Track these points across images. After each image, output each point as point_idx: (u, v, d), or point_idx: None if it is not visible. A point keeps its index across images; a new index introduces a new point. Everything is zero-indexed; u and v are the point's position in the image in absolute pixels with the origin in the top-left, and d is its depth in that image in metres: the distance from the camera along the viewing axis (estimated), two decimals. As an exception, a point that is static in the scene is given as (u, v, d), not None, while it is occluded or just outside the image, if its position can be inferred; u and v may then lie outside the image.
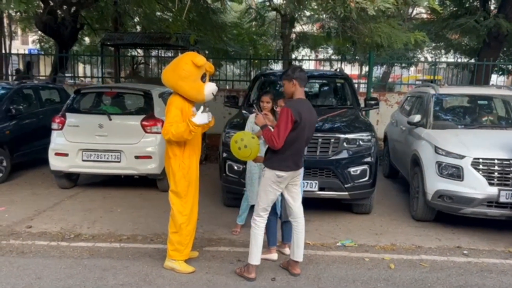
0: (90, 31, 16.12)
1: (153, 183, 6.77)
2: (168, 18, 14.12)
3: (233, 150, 3.92)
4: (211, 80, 4.19)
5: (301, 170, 3.99)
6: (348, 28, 6.01)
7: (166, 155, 4.09)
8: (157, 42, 13.21)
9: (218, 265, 4.27)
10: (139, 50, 17.45)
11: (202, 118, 3.90)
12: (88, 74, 13.65)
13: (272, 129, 3.75)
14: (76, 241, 4.83)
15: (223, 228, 5.27)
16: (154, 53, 16.55)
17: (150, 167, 6.45)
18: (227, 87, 13.20)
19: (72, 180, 7.00)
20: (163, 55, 16.62)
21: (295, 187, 3.97)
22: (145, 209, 5.97)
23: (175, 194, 4.04)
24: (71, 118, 6.64)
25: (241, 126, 5.62)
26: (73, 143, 6.48)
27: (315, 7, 5.85)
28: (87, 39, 19.40)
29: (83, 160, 6.46)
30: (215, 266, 4.24)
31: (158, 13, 14.93)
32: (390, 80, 21.02)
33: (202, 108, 3.97)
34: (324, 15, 6.98)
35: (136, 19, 16.51)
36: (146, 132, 6.44)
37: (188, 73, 3.87)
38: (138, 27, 16.84)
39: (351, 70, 14.82)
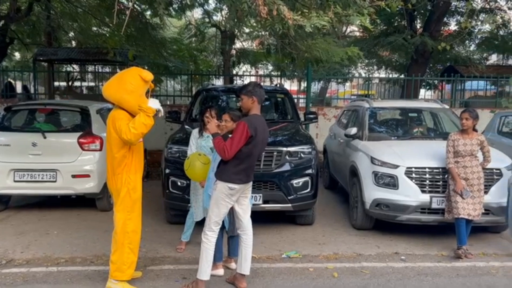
0: (21, 46, 15.34)
1: (91, 203, 6.52)
2: (105, 33, 13.77)
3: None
4: (152, 96, 4.16)
5: (251, 183, 4.04)
6: (287, 45, 6.20)
7: (108, 173, 3.97)
8: (94, 58, 12.85)
9: (163, 284, 4.17)
10: (74, 66, 16.83)
11: (155, 103, 3.89)
12: (19, 89, 12.95)
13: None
14: (8, 267, 4.52)
15: (167, 246, 5.17)
16: (91, 68, 16.04)
17: (88, 186, 6.21)
18: (168, 103, 13.05)
19: (2, 202, 6.56)
20: (100, 70, 16.13)
21: (245, 199, 4.00)
22: (83, 230, 5.72)
23: (120, 212, 3.92)
24: (0, 137, 6.26)
25: (183, 141, 5.58)
26: (3, 163, 6.10)
27: (254, 24, 5.98)
28: (17, 54, 18.45)
29: (15, 181, 6.09)
30: (159, 285, 4.14)
31: (95, 28, 14.52)
32: (327, 95, 21.78)
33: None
34: (263, 32, 7.14)
35: (71, 34, 15.95)
36: (83, 149, 6.21)
37: (135, 88, 3.82)
38: (74, 42, 16.26)
39: (290, 85, 15.21)
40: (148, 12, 11.40)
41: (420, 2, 10.56)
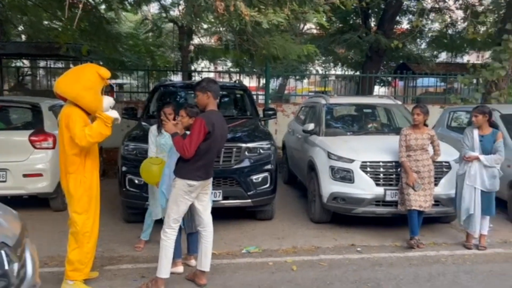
0: (-35, 40, 14.53)
1: (45, 203, 6.29)
2: (57, 27, 13.28)
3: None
4: (107, 93, 4.09)
5: (211, 180, 4.03)
6: (245, 41, 6.22)
7: (61, 172, 3.85)
8: (46, 53, 12.35)
9: (121, 283, 4.10)
10: (25, 61, 16.13)
11: (114, 113, 3.88)
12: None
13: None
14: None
15: (125, 245, 5.08)
16: (42, 64, 15.42)
17: (41, 186, 5.99)
18: (125, 99, 12.77)
19: None
20: (52, 66, 15.55)
21: (205, 196, 4.00)
22: (37, 231, 5.50)
23: (76, 212, 3.82)
24: None
25: (141, 139, 5.49)
26: None
27: (212, 20, 5.96)
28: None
29: (-38, 182, 5.80)
30: (117, 285, 4.06)
31: (46, 22, 13.97)
32: (286, 91, 22.02)
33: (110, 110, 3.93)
34: (221, 28, 7.13)
35: (21, 28, 15.27)
36: (35, 148, 5.98)
37: (93, 84, 3.76)
38: (24, 36, 15.58)
39: (249, 82, 15.26)
40: (103, 7, 11.08)
41: (374, 1, 10.87)
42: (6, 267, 2.46)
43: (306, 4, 4.27)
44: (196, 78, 13.80)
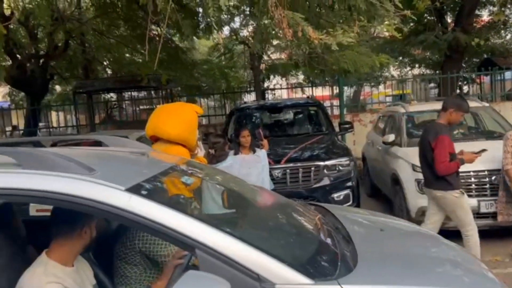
0: (60, 80, 16.08)
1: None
2: (138, 60, 14.25)
3: None
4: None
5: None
6: (315, 59, 6.21)
7: None
8: (129, 85, 13.27)
9: None
10: (111, 94, 17.46)
11: (202, 152, 4.25)
12: (62, 121, 13.54)
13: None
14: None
15: None
16: (126, 95, 16.58)
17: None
18: (204, 122, 13.28)
19: None
20: (136, 97, 16.68)
21: None
22: None
23: None
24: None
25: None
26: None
27: (282, 44, 6.04)
28: (58, 87, 19.31)
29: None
30: None
31: (127, 54, 15.08)
32: (361, 97, 21.54)
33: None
34: (290, 48, 7.19)
35: (106, 62, 16.58)
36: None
37: (196, 124, 3.98)
38: (108, 70, 16.89)
39: (322, 91, 15.15)
40: (177, 36, 11.71)
41: (449, -1, 10.31)
42: None
43: (375, 19, 4.18)
44: (270, 96, 13.99)
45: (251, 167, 4.84)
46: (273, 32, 3.86)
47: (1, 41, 6.41)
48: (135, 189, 1.80)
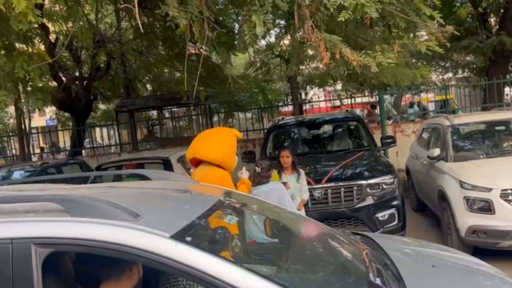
0: (103, 99, 16.64)
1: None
2: (176, 78, 14.55)
3: None
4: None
5: None
6: (353, 73, 6.10)
7: None
8: (169, 103, 13.56)
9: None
10: (152, 112, 17.89)
11: (246, 174, 4.37)
12: (105, 137, 13.97)
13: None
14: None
15: None
16: (167, 113, 16.94)
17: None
18: (242, 137, 13.31)
19: None
20: (176, 114, 17.02)
21: None
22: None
23: None
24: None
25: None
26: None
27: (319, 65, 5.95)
28: (101, 106, 19.98)
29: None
30: None
31: (166, 70, 15.47)
32: (402, 103, 21.03)
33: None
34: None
35: (145, 79, 17.06)
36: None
37: (235, 148, 4.15)
38: (148, 86, 17.33)
39: (361, 99, 14.88)
40: (214, 54, 11.87)
41: (493, 4, 9.92)
42: None
43: (415, 37, 4.04)
44: (307, 107, 13.89)
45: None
46: (310, 54, 3.82)
47: (47, 70, 6.68)
48: (180, 236, 1.80)
